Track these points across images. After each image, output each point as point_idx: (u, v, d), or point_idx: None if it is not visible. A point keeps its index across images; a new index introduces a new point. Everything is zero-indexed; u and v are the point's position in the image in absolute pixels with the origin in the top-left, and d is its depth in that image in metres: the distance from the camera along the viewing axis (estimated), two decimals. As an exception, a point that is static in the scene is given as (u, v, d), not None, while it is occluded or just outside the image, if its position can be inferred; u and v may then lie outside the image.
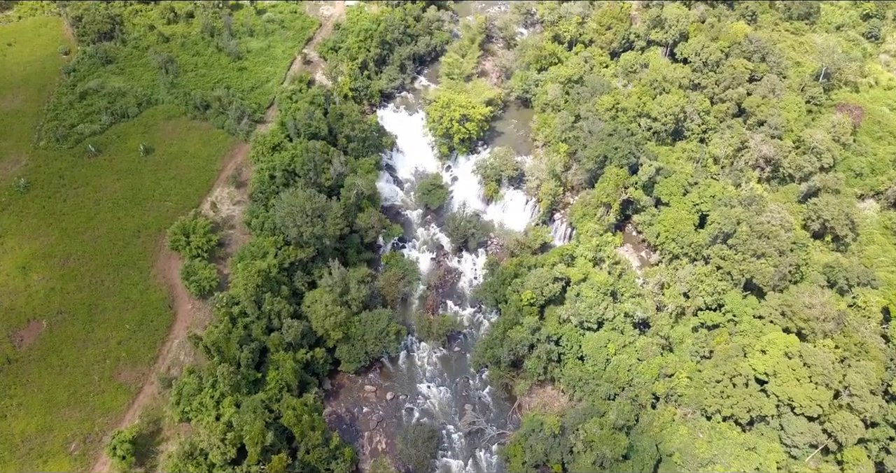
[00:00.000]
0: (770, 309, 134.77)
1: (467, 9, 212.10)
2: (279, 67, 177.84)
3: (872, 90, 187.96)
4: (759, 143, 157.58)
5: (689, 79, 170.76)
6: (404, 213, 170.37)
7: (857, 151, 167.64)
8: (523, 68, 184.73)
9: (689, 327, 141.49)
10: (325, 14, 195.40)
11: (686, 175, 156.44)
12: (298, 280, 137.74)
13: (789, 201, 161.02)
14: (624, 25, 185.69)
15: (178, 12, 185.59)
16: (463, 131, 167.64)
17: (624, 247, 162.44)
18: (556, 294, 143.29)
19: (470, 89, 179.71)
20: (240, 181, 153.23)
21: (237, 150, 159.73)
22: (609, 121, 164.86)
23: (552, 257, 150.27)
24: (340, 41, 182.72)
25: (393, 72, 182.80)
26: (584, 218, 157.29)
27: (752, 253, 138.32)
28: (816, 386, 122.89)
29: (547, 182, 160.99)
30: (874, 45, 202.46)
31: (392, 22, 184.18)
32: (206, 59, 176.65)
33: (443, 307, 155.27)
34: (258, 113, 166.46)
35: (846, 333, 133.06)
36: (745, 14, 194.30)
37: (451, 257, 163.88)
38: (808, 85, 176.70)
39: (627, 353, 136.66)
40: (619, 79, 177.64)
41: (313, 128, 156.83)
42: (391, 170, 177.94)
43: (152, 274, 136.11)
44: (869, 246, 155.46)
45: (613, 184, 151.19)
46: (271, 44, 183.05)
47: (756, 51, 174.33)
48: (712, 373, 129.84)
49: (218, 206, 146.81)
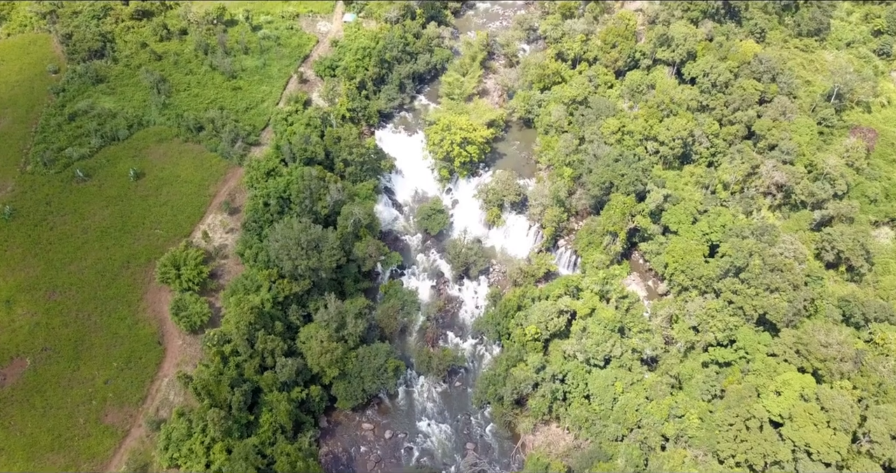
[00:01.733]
0: (784, 348, 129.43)
1: (468, 24, 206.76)
2: (275, 87, 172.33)
3: (885, 110, 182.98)
4: (770, 170, 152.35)
5: (698, 101, 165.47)
6: (403, 239, 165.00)
7: (870, 176, 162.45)
8: (526, 87, 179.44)
9: (698, 362, 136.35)
10: (323, 30, 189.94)
11: (695, 202, 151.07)
12: (293, 314, 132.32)
13: (801, 229, 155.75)
14: (629, 43, 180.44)
15: (172, 29, 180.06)
16: (464, 154, 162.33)
17: (630, 276, 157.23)
18: (562, 328, 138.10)
19: (471, 110, 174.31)
20: (233, 207, 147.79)
21: (230, 175, 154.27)
22: (615, 145, 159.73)
23: (557, 288, 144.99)
24: (338, 59, 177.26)
25: (392, 91, 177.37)
26: (590, 246, 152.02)
27: (766, 288, 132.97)
28: (835, 431, 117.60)
29: (551, 208, 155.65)
30: (886, 63, 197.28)
31: (391, 40, 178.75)
32: (199, 78, 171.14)
33: (443, 338, 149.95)
34: (253, 135, 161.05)
35: (864, 373, 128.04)
36: (753, 31, 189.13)
37: (452, 285, 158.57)
38: (819, 105, 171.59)
39: (635, 391, 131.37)
40: (625, 101, 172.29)
41: (309, 153, 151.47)
42: (390, 192, 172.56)
43: (141, 308, 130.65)
44: (885, 277, 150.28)
45: (620, 213, 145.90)
46: (267, 62, 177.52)
47: (766, 71, 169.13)
48: (725, 416, 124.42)
49: (210, 235, 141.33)
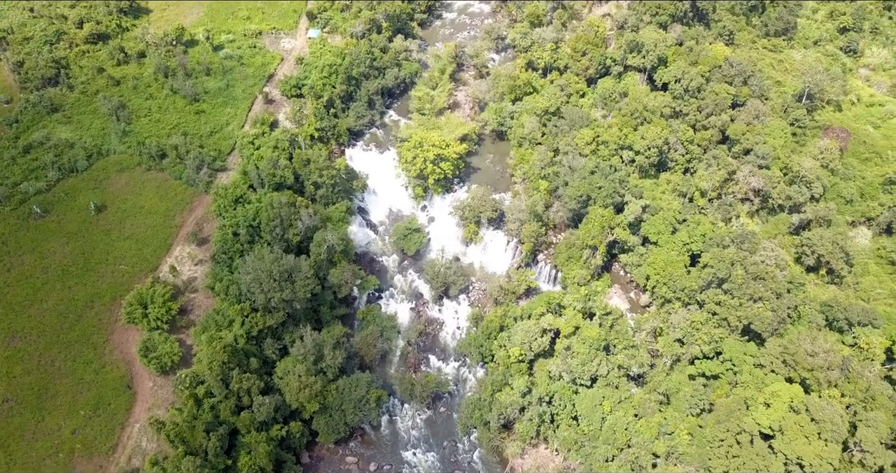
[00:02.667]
0: (771, 358, 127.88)
1: (436, 36, 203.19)
2: (239, 109, 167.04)
3: (855, 108, 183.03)
4: (747, 175, 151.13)
5: (671, 107, 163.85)
6: (380, 260, 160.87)
7: (845, 176, 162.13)
8: (497, 99, 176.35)
9: (685, 374, 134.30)
10: (287, 47, 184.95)
11: (673, 211, 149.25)
12: (268, 348, 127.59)
13: (780, 233, 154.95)
14: (600, 51, 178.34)
15: (129, 52, 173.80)
16: (438, 172, 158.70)
17: (612, 288, 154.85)
18: (546, 348, 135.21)
19: (443, 124, 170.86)
20: (201, 238, 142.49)
21: (197, 203, 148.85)
22: (590, 156, 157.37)
23: (539, 306, 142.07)
24: (304, 77, 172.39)
25: (361, 108, 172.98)
26: (570, 261, 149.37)
27: (749, 297, 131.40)
28: (826, 443, 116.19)
29: (529, 223, 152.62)
30: (853, 60, 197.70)
31: (357, 55, 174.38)
32: (160, 103, 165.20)
33: (425, 362, 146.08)
34: (218, 160, 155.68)
35: (851, 379, 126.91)
36: (722, 33, 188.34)
37: (432, 306, 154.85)
38: (791, 106, 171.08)
39: (624, 410, 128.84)
40: (598, 110, 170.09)
41: (278, 177, 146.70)
42: (363, 212, 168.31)
43: (108, 350, 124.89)
44: (864, 278, 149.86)
45: (598, 226, 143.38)
46: (230, 83, 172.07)
47: (737, 74, 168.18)
48: (715, 431, 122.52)
49: (178, 268, 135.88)
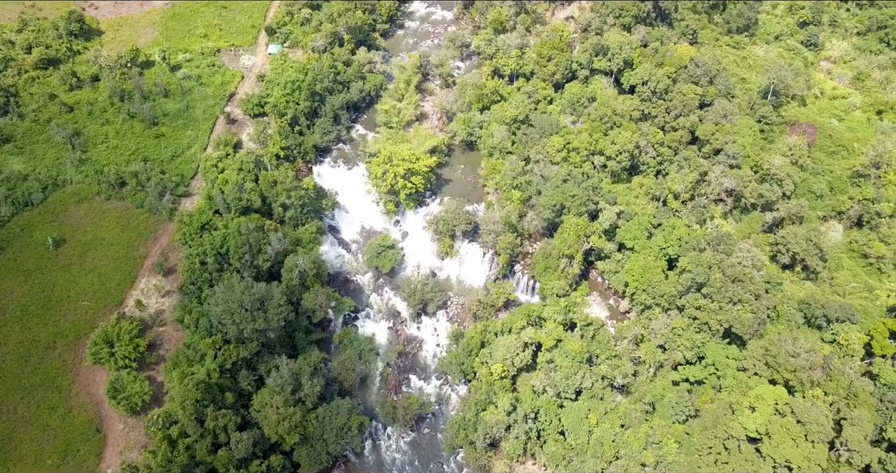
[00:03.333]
0: (754, 361, 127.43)
1: (399, 46, 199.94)
2: (201, 130, 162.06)
3: (819, 101, 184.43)
4: (719, 176, 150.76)
5: (639, 111, 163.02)
6: (354, 279, 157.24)
7: (814, 171, 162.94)
8: (465, 109, 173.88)
9: (668, 380, 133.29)
10: (247, 64, 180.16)
11: (648, 216, 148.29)
12: (243, 380, 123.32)
13: (754, 231, 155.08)
14: (565, 55, 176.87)
15: (82, 77, 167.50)
16: (409, 186, 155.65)
17: (591, 296, 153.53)
18: (528, 362, 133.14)
19: (411, 137, 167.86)
20: (167, 268, 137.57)
21: (161, 231, 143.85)
22: (562, 164, 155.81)
23: (519, 319, 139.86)
24: (266, 95, 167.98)
25: (326, 124, 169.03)
26: (547, 271, 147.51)
27: (728, 300, 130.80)
28: (813, 444, 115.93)
29: (504, 235, 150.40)
30: (814, 53, 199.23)
31: (320, 70, 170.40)
32: (117, 128, 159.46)
33: (406, 383, 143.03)
34: (181, 186, 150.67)
35: (832, 377, 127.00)
36: (685, 32, 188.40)
37: (410, 324, 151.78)
38: (757, 103, 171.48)
39: (610, 421, 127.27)
40: (567, 116, 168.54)
41: (244, 201, 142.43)
42: (335, 231, 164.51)
43: (74, 393, 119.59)
44: (839, 272, 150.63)
45: (574, 235, 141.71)
46: (190, 104, 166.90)
47: (703, 74, 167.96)
48: (703, 438, 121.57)
49: (144, 302, 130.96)
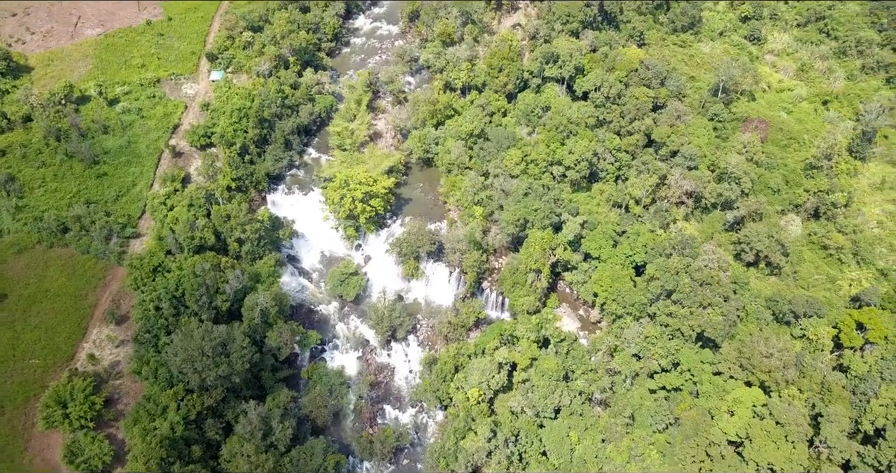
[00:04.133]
0: (728, 364, 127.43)
1: (347, 64, 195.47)
2: (145, 166, 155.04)
3: (767, 95, 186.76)
4: (679, 179, 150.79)
5: (594, 117, 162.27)
6: (318, 310, 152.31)
7: (769, 166, 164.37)
8: (419, 126, 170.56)
9: (645, 389, 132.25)
10: (189, 93, 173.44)
11: (612, 224, 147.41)
12: (210, 429, 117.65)
13: (716, 231, 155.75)
14: (516, 65, 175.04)
15: (12, 118, 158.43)
16: (368, 210, 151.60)
17: (561, 308, 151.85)
18: (504, 383, 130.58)
19: (367, 158, 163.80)
20: (120, 316, 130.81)
21: (111, 277, 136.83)
22: (521, 176, 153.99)
23: (491, 339, 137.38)
24: (212, 125, 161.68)
25: (277, 151, 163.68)
26: (516, 287, 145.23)
27: (698, 305, 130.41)
28: (794, 445, 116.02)
29: (469, 252, 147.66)
30: (758, 47, 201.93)
31: (267, 95, 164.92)
32: (55, 170, 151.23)
33: (380, 414, 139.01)
34: (129, 227, 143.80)
35: (806, 373, 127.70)
36: (633, 35, 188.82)
37: (380, 352, 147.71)
38: (708, 101, 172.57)
39: (591, 437, 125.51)
40: (523, 127, 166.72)
41: (197, 240, 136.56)
42: (294, 260, 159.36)
43: (27, 461, 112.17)
44: (801, 266, 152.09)
45: (539, 249, 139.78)
46: (132, 139, 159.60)
47: (654, 76, 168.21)
48: (685, 447, 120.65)
49: (97, 355, 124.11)
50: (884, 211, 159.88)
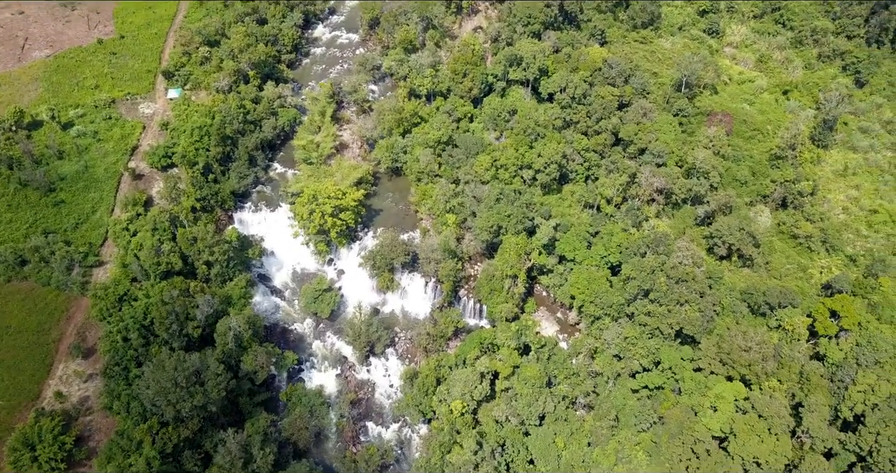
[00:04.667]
0: (708, 360, 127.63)
1: (308, 75, 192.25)
2: (105, 191, 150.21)
3: (728, 87, 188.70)
4: (649, 177, 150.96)
5: (561, 119, 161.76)
6: (293, 328, 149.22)
7: (735, 158, 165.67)
8: (386, 135, 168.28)
9: (627, 388, 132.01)
10: (147, 113, 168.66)
11: (584, 225, 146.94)
12: (188, 461, 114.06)
13: (688, 226, 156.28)
14: (479, 69, 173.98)
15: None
16: (339, 223, 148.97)
17: (539, 312, 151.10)
18: (487, 393, 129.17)
19: (334, 171, 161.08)
20: (86, 349, 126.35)
21: (74, 309, 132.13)
22: (492, 182, 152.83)
23: (471, 348, 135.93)
24: (172, 145, 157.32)
25: (242, 168, 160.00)
26: (493, 294, 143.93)
27: (675, 302, 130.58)
28: (777, 437, 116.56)
29: (445, 261, 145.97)
30: (717, 41, 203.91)
31: (228, 111, 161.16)
32: (9, 200, 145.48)
33: (363, 432, 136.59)
34: (91, 255, 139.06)
35: (784, 364, 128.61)
36: (594, 33, 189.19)
37: (359, 368, 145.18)
38: (672, 97, 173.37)
39: (577, 442, 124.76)
40: (490, 132, 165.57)
41: (164, 265, 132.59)
42: (265, 279, 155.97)
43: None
44: (772, 256, 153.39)
45: (515, 255, 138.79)
46: (89, 163, 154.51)
47: (618, 74, 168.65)
48: (671, 446, 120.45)
49: (65, 392, 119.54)
50: (848, 197, 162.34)
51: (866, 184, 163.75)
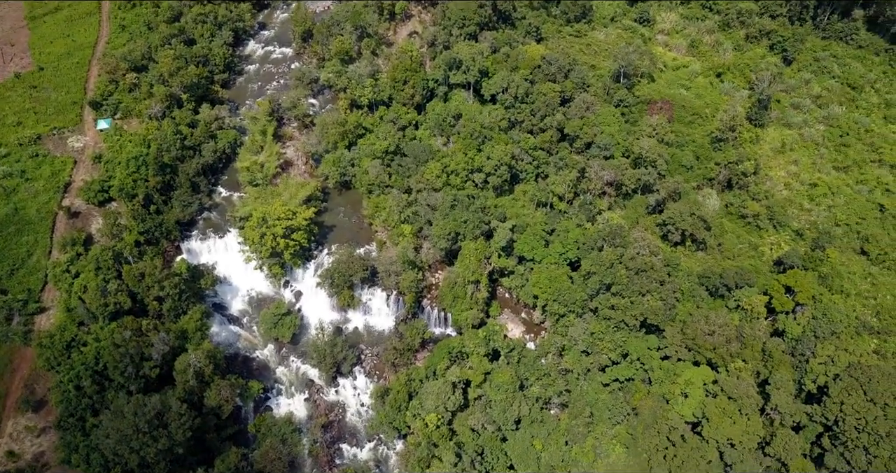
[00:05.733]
0: (675, 347, 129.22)
1: (244, 93, 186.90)
2: (39, 233, 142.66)
3: (664, 74, 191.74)
4: (598, 170, 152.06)
5: (506, 119, 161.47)
6: (254, 356, 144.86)
7: (679, 144, 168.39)
8: (331, 149, 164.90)
9: (598, 382, 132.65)
10: (77, 147, 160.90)
11: (540, 224, 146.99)
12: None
13: (640, 215, 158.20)
14: (419, 75, 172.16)
15: None
16: (292, 244, 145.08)
17: (503, 314, 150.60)
18: (461, 402, 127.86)
19: (281, 191, 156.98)
20: (36, 402, 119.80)
21: (19, 360, 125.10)
22: (444, 189, 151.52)
23: (440, 359, 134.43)
24: (108, 178, 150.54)
25: (184, 196, 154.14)
26: (456, 301, 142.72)
27: (637, 293, 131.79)
28: (748, 417, 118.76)
29: (405, 273, 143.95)
30: (648, 29, 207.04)
31: (164, 139, 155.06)
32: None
33: (338, 455, 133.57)
34: (31, 302, 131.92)
35: (747, 343, 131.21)
36: (529, 31, 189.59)
37: (327, 390, 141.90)
38: (611, 88, 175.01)
39: (555, 441, 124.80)
40: (437, 138, 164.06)
41: (112, 306, 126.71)
42: (221, 309, 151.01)
43: None
44: (724, 237, 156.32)
45: (475, 260, 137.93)
46: (18, 205, 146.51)
47: (557, 70, 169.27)
48: (647, 437, 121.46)
49: (17, 450, 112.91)
50: (788, 173, 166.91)
51: (804, 158, 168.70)
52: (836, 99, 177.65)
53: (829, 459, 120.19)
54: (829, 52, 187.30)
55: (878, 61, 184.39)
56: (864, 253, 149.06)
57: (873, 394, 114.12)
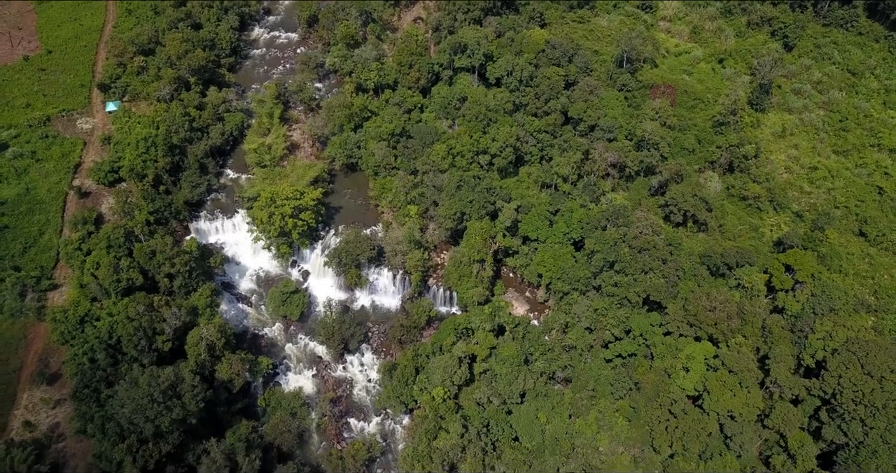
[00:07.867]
0: (677, 323, 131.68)
1: (250, 77, 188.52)
2: (51, 213, 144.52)
3: (666, 59, 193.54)
4: (601, 152, 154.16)
5: (511, 102, 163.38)
6: (263, 334, 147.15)
7: (681, 128, 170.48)
8: (337, 131, 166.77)
9: (601, 358, 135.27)
10: (86, 128, 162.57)
11: (544, 204, 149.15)
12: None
13: (643, 197, 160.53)
14: (425, 59, 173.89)
15: None
16: (300, 224, 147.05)
17: (508, 293, 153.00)
18: (467, 377, 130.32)
19: (289, 172, 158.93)
20: (50, 375, 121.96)
21: (33, 335, 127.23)
22: (450, 170, 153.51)
23: (446, 335, 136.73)
24: (117, 159, 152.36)
25: (193, 176, 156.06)
26: (462, 279, 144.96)
27: (640, 271, 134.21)
28: (748, 390, 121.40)
29: (411, 252, 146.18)
30: (651, 16, 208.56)
31: (173, 120, 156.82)
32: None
33: (346, 429, 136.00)
34: (44, 279, 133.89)
35: (747, 320, 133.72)
36: (533, 16, 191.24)
37: (335, 366, 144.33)
38: (615, 73, 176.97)
39: (559, 415, 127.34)
40: (443, 121, 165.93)
41: (124, 282, 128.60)
42: (230, 287, 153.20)
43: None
44: (725, 219, 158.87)
45: (481, 239, 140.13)
46: (30, 185, 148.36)
47: (562, 55, 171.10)
48: (649, 409, 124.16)
49: (33, 420, 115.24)
50: (788, 156, 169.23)
51: (804, 143, 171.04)
52: (836, 84, 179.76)
53: (826, 431, 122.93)
54: (829, 39, 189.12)
55: (877, 48, 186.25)
56: (863, 234, 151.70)
57: (870, 368, 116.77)
